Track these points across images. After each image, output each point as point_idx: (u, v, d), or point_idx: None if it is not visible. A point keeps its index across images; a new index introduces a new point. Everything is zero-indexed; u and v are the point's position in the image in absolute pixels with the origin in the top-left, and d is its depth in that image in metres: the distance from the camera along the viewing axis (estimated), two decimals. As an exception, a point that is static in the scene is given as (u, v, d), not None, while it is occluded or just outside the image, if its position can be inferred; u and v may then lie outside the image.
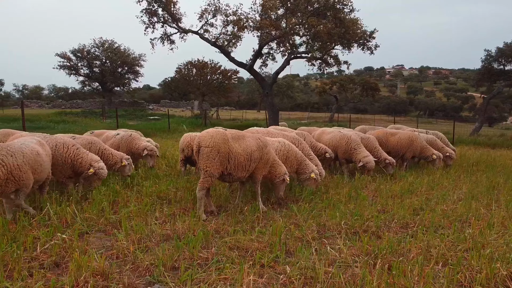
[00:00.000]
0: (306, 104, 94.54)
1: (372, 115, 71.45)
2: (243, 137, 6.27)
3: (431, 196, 7.39)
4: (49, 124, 30.01)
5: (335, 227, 5.36)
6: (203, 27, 24.07)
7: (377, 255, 4.26)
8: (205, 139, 5.87)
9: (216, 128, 6.60)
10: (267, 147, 6.45)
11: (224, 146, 5.86)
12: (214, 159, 5.78)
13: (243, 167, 6.07)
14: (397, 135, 11.20)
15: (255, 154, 6.17)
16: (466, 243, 4.66)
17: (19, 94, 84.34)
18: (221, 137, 5.91)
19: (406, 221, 5.74)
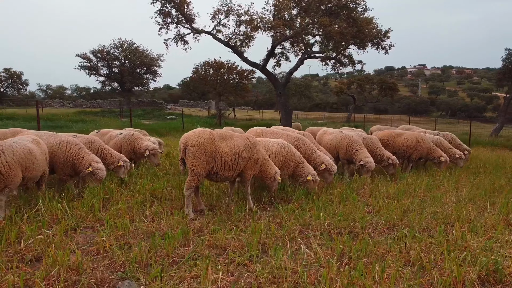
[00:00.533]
0: (324, 104, 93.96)
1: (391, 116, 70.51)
2: (231, 137, 6.32)
3: (427, 198, 7.28)
4: (67, 123, 30.69)
5: (319, 227, 5.35)
6: (215, 28, 24.24)
7: (351, 255, 4.25)
8: (191, 138, 5.95)
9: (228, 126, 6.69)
10: (256, 147, 6.47)
11: (210, 145, 5.93)
12: (200, 158, 5.85)
13: (230, 166, 6.12)
14: (403, 136, 11.07)
15: (243, 154, 6.20)
16: (444, 245, 4.58)
17: (43, 94, 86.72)
18: (207, 137, 5.98)
19: (393, 222, 5.68)
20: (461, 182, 9.01)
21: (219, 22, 24.07)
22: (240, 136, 6.45)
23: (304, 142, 8.64)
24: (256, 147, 6.47)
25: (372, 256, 4.26)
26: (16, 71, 70.82)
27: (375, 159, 10.18)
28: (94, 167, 6.92)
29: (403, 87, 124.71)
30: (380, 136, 11.32)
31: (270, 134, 9.33)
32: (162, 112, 48.93)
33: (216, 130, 6.39)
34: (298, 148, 8.18)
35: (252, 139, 6.54)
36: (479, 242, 4.77)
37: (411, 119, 58.82)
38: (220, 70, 48.15)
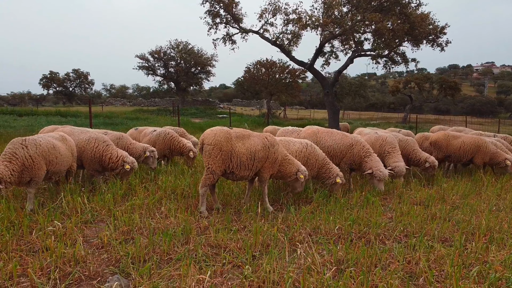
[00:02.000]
0: (381, 104, 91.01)
1: (453, 116, 66.72)
2: (248, 136, 6.25)
3: (461, 205, 6.75)
4: (123, 121, 32.28)
5: (329, 231, 5.14)
6: (263, 27, 24.26)
7: (349, 263, 4.02)
8: (208, 137, 5.97)
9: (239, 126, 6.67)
10: (274, 146, 6.33)
11: (227, 144, 5.91)
12: (216, 157, 5.85)
13: (246, 166, 6.07)
14: (460, 139, 10.34)
15: (260, 154, 6.12)
16: (456, 257, 4.19)
17: (107, 93, 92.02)
18: (224, 136, 5.96)
19: (413, 230, 5.31)
20: (507, 189, 8.26)
21: (266, 21, 24.07)
22: (258, 136, 6.36)
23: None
24: (275, 147, 6.34)
25: (367, 265, 4.00)
26: (83, 71, 75.77)
27: (412, 162, 9.68)
28: (129, 163, 7.23)
29: (468, 86, 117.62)
30: (434, 139, 10.70)
31: (325, 133, 8.89)
32: (215, 111, 49.89)
33: (234, 129, 6.36)
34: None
35: (271, 138, 6.43)
36: (501, 256, 4.32)
37: (473, 120, 55.30)
38: (271, 70, 48.16)
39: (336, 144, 8.04)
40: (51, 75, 73.71)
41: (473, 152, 10.03)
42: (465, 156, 10.11)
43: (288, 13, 23.66)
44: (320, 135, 8.39)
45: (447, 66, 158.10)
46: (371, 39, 24.36)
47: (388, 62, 26.31)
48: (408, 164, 9.95)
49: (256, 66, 50.09)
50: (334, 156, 8.01)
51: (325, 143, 8.17)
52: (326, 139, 8.21)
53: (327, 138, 8.24)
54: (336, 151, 8.00)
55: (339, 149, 7.98)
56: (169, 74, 52.59)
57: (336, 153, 8.00)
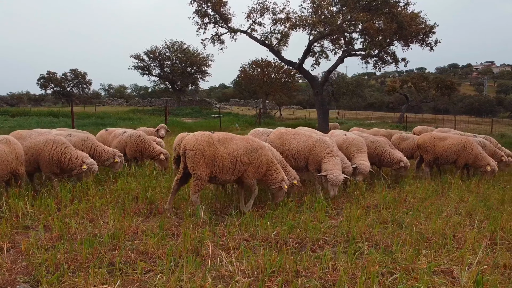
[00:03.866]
0: (379, 103, 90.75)
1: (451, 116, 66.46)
2: (230, 140, 6.15)
3: (419, 208, 6.61)
4: (115, 121, 32.25)
5: (266, 237, 5.01)
6: (251, 27, 24.13)
7: (268, 271, 3.90)
8: (190, 142, 5.91)
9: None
10: (258, 151, 6.20)
11: (209, 149, 5.83)
12: (200, 162, 5.79)
13: (228, 170, 5.98)
14: (447, 140, 10.19)
15: (242, 158, 6.01)
16: (371, 267, 4.06)
17: (106, 93, 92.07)
18: (206, 140, 5.89)
19: (354, 235, 5.18)
20: (472, 191, 8.11)
21: (254, 21, 23.94)
22: (241, 139, 6.25)
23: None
24: (258, 151, 6.19)
25: (285, 274, 3.87)
26: (81, 71, 75.75)
27: (384, 163, 9.56)
28: (88, 164, 7.14)
29: (467, 85, 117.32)
30: (420, 141, 10.58)
31: (292, 135, 8.70)
32: (210, 110, 49.82)
33: (216, 133, 6.27)
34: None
35: (254, 143, 6.30)
36: (423, 264, 4.19)
37: (471, 120, 55.10)
38: (267, 69, 48.13)
39: (300, 146, 7.87)
40: (48, 75, 73.68)
41: (459, 152, 9.89)
42: (452, 157, 9.99)
43: (276, 13, 23.55)
44: (286, 136, 8.23)
45: (447, 65, 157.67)
46: (359, 39, 24.24)
47: (378, 61, 26.16)
48: (380, 165, 9.87)
49: (251, 66, 50.11)
50: (299, 158, 7.85)
51: (290, 145, 8.01)
52: (291, 141, 8.04)
53: (292, 139, 8.07)
54: (300, 152, 7.83)
55: (303, 151, 7.81)
56: (164, 74, 52.54)
57: (300, 155, 7.84)
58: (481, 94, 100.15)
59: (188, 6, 24.56)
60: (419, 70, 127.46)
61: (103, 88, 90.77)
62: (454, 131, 14.25)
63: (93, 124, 27.89)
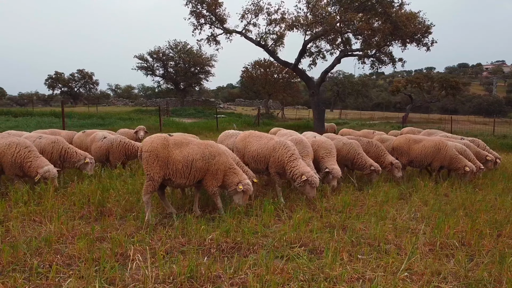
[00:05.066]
0: (386, 103, 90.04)
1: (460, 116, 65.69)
2: (187, 144, 6.16)
3: (375, 212, 6.54)
4: (116, 121, 32.52)
5: (202, 242, 5.01)
6: (245, 27, 24.12)
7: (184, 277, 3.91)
8: (146, 144, 5.99)
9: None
10: (215, 157, 6.15)
11: (163, 151, 5.89)
12: (153, 163, 5.84)
13: (182, 174, 5.99)
14: (421, 143, 10.10)
15: (198, 164, 6.01)
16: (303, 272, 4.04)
17: (113, 93, 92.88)
18: (161, 142, 5.96)
19: (292, 240, 5.15)
20: (439, 194, 8.01)
21: (249, 22, 23.93)
22: (199, 145, 6.23)
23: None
24: (215, 158, 6.15)
25: (199, 280, 3.87)
26: (88, 71, 76.56)
27: (356, 166, 9.48)
28: (40, 173, 7.16)
29: (477, 85, 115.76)
30: (395, 144, 10.50)
31: (254, 137, 8.63)
32: (213, 111, 49.87)
33: (174, 137, 6.31)
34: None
35: (213, 149, 6.26)
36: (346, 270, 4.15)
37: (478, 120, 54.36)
38: (269, 69, 48.07)
39: (260, 148, 7.82)
40: (56, 75, 74.69)
41: (434, 155, 9.80)
42: (426, 160, 9.90)
43: (270, 13, 23.51)
44: (248, 139, 8.22)
45: (457, 65, 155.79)
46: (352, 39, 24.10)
47: (375, 62, 25.97)
48: (352, 168, 9.79)
49: (254, 66, 50.12)
50: (259, 160, 7.81)
51: (251, 147, 7.99)
52: (253, 144, 8.02)
53: (253, 142, 8.05)
54: (260, 155, 7.79)
55: (263, 153, 7.76)
56: (168, 74, 52.81)
57: (260, 157, 7.80)
58: (490, 94, 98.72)
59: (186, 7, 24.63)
60: (428, 69, 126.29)
61: (110, 88, 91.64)
62: (442, 133, 14.10)
63: (92, 124, 28.15)
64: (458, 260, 4.66)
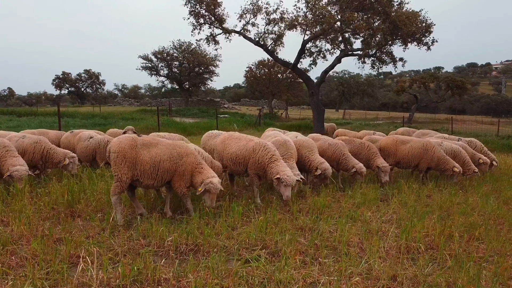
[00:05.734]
0: (393, 103, 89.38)
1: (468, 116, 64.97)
2: (156, 145, 6.12)
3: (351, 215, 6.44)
4: (118, 121, 32.72)
5: (161, 244, 4.96)
6: (244, 27, 24.05)
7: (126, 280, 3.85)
8: (114, 145, 5.95)
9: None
10: (183, 158, 6.10)
11: (131, 152, 5.86)
12: (121, 164, 5.81)
13: (149, 175, 5.95)
14: (409, 144, 9.95)
15: (165, 164, 5.97)
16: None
17: (120, 93, 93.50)
18: (128, 143, 5.93)
19: (252, 242, 5.07)
20: (420, 197, 7.86)
21: (247, 22, 23.85)
22: (167, 145, 6.18)
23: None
24: (183, 159, 6.10)
25: (145, 282, 3.81)
26: (95, 72, 77.11)
27: (342, 167, 9.37)
28: (10, 171, 7.16)
29: (486, 85, 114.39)
30: (382, 145, 10.37)
31: (233, 139, 8.57)
32: (217, 110, 49.89)
33: (143, 137, 6.27)
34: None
35: (181, 149, 6.20)
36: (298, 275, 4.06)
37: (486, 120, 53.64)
38: (273, 69, 47.92)
39: (239, 150, 7.74)
40: (63, 75, 75.35)
41: (421, 156, 9.66)
42: (414, 161, 9.76)
43: (269, 13, 23.41)
44: (227, 141, 8.12)
45: (466, 64, 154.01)
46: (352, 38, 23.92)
47: (376, 61, 25.76)
48: (338, 168, 9.67)
49: (258, 66, 50.01)
50: (238, 162, 7.71)
51: (230, 149, 7.89)
52: (231, 145, 7.93)
53: (232, 144, 7.96)
54: (239, 157, 7.70)
55: (242, 155, 7.67)
56: (172, 74, 52.95)
57: (239, 159, 7.71)
58: (499, 93, 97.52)
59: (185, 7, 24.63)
60: (436, 69, 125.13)
61: (117, 88, 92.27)
62: (438, 134, 13.90)
63: (94, 124, 28.34)
64: (420, 264, 4.55)
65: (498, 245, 5.24)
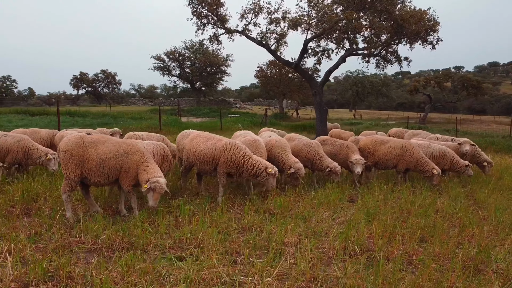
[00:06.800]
0: (409, 103, 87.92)
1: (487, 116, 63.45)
2: (103, 142, 6.20)
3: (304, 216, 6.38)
4: (127, 120, 33.28)
5: (95, 240, 5.02)
6: (246, 27, 24.02)
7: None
8: (62, 143, 6.09)
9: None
10: (128, 155, 6.15)
11: (78, 150, 5.95)
12: (68, 162, 5.92)
13: (96, 173, 6.03)
14: (387, 144, 9.81)
15: (111, 162, 6.03)
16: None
17: (136, 93, 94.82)
18: (75, 141, 6.03)
19: (187, 241, 5.08)
20: (388, 198, 7.72)
21: (249, 22, 23.81)
22: (115, 143, 6.25)
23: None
24: (128, 156, 6.15)
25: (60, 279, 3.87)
26: (111, 72, 78.39)
27: (316, 167, 9.30)
28: None
29: (508, 84, 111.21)
30: (361, 145, 10.26)
31: (202, 138, 8.63)
32: (228, 110, 50.06)
33: (92, 135, 6.36)
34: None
35: (127, 147, 6.24)
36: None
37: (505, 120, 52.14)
38: (284, 69, 47.72)
39: (208, 149, 7.71)
40: (81, 75, 76.87)
41: (399, 157, 9.51)
42: (392, 161, 9.62)
43: (271, 12, 23.31)
44: (196, 140, 8.12)
45: (487, 63, 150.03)
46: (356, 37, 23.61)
47: (381, 61, 25.37)
48: (313, 169, 9.58)
49: (269, 66, 49.92)
50: (206, 161, 7.69)
51: (197, 148, 7.88)
52: (199, 145, 7.91)
53: (200, 143, 7.94)
54: (208, 156, 7.67)
55: (211, 154, 7.63)
56: (184, 74, 53.38)
57: (207, 158, 7.67)
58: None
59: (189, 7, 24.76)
60: (456, 68, 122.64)
61: (133, 88, 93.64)
62: (431, 135, 13.63)
63: (101, 124, 28.87)
64: (345, 266, 4.47)
65: (442, 248, 5.10)
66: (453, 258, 4.73)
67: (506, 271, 4.53)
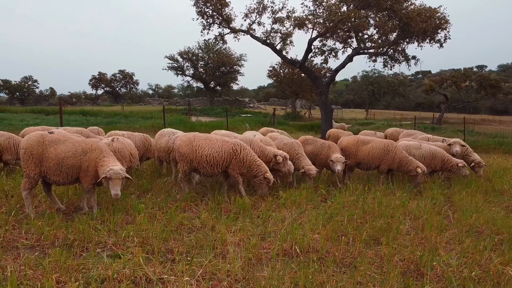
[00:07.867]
0: (428, 103, 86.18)
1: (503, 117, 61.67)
2: (63, 141, 6.26)
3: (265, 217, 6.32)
4: (137, 119, 33.79)
5: (40, 237, 5.09)
6: (250, 26, 23.98)
7: None
8: (23, 141, 6.20)
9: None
10: (87, 154, 6.17)
11: (37, 148, 6.04)
12: (28, 160, 6.02)
13: (54, 172, 6.09)
14: (370, 144, 9.65)
15: (69, 161, 6.06)
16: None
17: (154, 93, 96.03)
18: (36, 140, 6.11)
19: (132, 239, 5.10)
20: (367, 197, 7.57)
21: (253, 21, 23.77)
22: (75, 142, 6.29)
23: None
24: (87, 155, 6.17)
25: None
26: (129, 72, 79.59)
27: (295, 167, 9.19)
28: None
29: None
30: (343, 145, 10.12)
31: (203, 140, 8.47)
32: (240, 110, 50.12)
33: (54, 134, 6.43)
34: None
35: (86, 145, 6.25)
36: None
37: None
38: (296, 68, 47.45)
39: (217, 153, 7.47)
40: (99, 75, 78.34)
41: (382, 157, 9.34)
42: (374, 162, 9.45)
43: (275, 12, 23.22)
44: (196, 142, 7.67)
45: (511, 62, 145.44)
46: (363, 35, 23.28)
47: (388, 60, 24.95)
48: (293, 169, 9.50)
49: (282, 65, 49.74)
50: (216, 164, 7.49)
51: (203, 152, 7.52)
52: (204, 148, 7.57)
53: (204, 146, 7.60)
54: (218, 159, 7.44)
55: (220, 157, 7.45)
56: (197, 74, 53.72)
57: (217, 161, 7.45)
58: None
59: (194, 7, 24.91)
60: (479, 68, 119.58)
61: (150, 88, 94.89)
62: (424, 135, 13.33)
63: (110, 123, 29.46)
64: (278, 267, 4.40)
65: (389, 250, 4.96)
66: (388, 261, 4.58)
67: (448, 275, 4.37)
